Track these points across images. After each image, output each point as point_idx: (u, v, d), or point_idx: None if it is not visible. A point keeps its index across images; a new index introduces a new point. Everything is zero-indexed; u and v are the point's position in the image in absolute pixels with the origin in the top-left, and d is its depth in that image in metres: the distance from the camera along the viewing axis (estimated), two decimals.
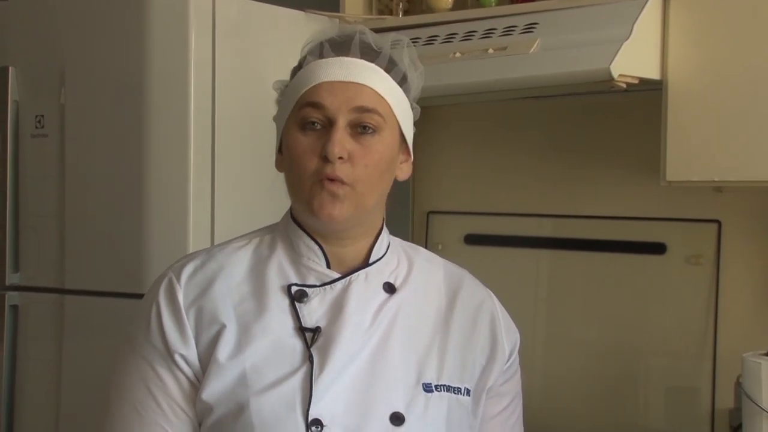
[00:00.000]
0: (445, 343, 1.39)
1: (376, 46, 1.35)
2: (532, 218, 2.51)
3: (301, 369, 1.30)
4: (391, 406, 1.31)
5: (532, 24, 2.16)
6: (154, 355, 1.34)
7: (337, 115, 1.30)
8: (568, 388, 2.40)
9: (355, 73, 1.32)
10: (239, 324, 1.33)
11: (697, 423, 2.24)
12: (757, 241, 2.21)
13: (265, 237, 1.43)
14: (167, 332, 1.33)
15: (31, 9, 2.43)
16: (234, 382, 1.30)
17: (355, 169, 1.30)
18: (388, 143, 1.34)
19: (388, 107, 1.33)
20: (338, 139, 1.28)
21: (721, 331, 2.24)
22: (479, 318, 1.44)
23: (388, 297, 1.38)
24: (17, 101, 2.42)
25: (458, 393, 1.37)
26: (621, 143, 2.38)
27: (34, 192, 2.41)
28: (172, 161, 2.19)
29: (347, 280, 1.37)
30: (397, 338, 1.36)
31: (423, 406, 1.33)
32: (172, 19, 2.18)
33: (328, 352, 1.31)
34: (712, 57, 1.98)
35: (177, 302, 1.34)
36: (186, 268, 1.38)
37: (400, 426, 1.30)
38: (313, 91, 1.31)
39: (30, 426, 2.43)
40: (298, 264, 1.37)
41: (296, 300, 1.35)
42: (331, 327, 1.33)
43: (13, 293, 2.43)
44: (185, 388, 1.33)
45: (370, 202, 1.34)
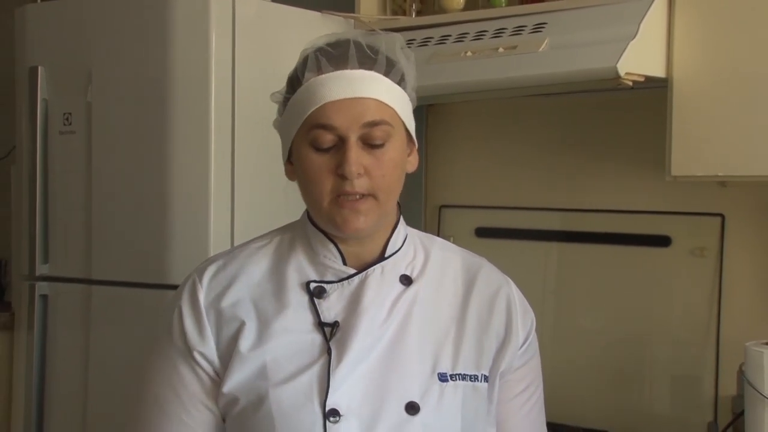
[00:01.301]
0: (461, 332, 1.38)
1: (372, 51, 1.33)
2: (541, 212, 2.51)
3: (319, 361, 1.30)
4: (407, 396, 1.30)
5: (541, 24, 2.15)
6: (175, 354, 1.34)
7: (348, 134, 1.28)
8: (576, 376, 2.39)
9: (358, 87, 1.30)
10: (260, 320, 1.33)
11: (700, 409, 2.24)
12: (760, 234, 2.20)
13: (284, 236, 1.42)
14: (187, 331, 1.34)
15: (59, 11, 2.45)
16: (254, 374, 1.30)
17: (372, 180, 1.30)
18: (398, 147, 1.33)
19: (394, 112, 1.32)
20: (353, 158, 1.27)
21: (724, 321, 2.23)
22: (496, 303, 1.42)
23: (405, 289, 1.37)
24: (46, 99, 2.43)
25: (474, 380, 1.36)
26: (627, 139, 2.37)
27: (62, 186, 2.43)
28: (194, 158, 2.20)
29: (364, 274, 1.36)
30: (414, 329, 1.35)
31: (438, 396, 1.32)
32: (193, 21, 2.20)
33: (345, 345, 1.30)
34: (716, 56, 1.98)
35: (198, 302, 1.35)
36: (208, 269, 1.38)
37: (415, 415, 1.29)
38: (321, 113, 1.29)
39: (59, 410, 2.44)
40: (315, 262, 1.37)
41: (315, 296, 1.34)
42: (349, 321, 1.32)
43: (43, 283, 2.45)
44: (206, 383, 1.33)
45: (391, 205, 1.35)
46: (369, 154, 1.30)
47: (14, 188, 2.66)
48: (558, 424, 2.26)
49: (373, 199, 1.31)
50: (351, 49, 1.32)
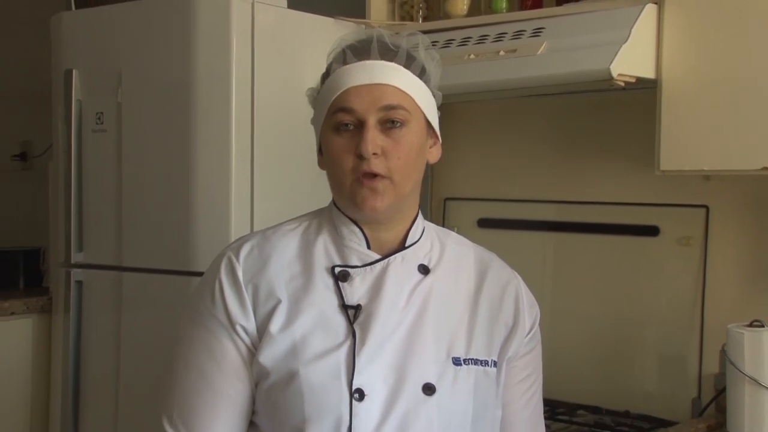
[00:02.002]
0: (473, 320, 1.38)
1: (393, 45, 1.33)
2: (539, 204, 2.50)
3: (345, 343, 1.30)
4: (424, 378, 1.31)
5: (539, 28, 2.15)
6: (217, 327, 1.33)
7: (367, 116, 1.29)
8: (571, 355, 2.39)
9: (377, 74, 1.31)
10: (290, 299, 1.33)
11: (685, 386, 2.24)
12: (741, 224, 2.20)
13: (312, 221, 1.41)
14: (229, 306, 1.33)
15: (91, 18, 2.47)
16: (285, 352, 1.30)
17: (389, 161, 1.30)
18: (416, 132, 1.33)
19: (412, 100, 1.32)
20: (370, 138, 1.28)
21: (708, 305, 2.23)
22: (505, 296, 1.43)
23: (422, 278, 1.37)
24: (80, 100, 2.44)
25: (485, 365, 1.36)
26: (619, 136, 2.37)
27: (94, 180, 2.44)
28: (215, 153, 2.21)
29: (386, 261, 1.35)
30: (430, 316, 1.35)
31: (452, 378, 1.32)
32: (215, 27, 2.20)
33: (368, 328, 1.30)
34: (702, 58, 1.97)
35: (237, 278, 1.34)
36: (243, 247, 1.37)
37: (431, 396, 1.30)
38: (342, 97, 1.30)
39: (93, 386, 2.46)
40: (341, 246, 1.37)
41: (340, 280, 1.34)
42: (371, 305, 1.32)
43: (78, 270, 2.47)
44: (244, 354, 1.33)
45: (407, 189, 1.34)
46: (387, 137, 1.30)
47: (51, 182, 2.67)
48: (554, 401, 2.29)
49: (389, 181, 1.30)
50: (374, 42, 1.33)
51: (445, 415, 1.31)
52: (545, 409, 1.52)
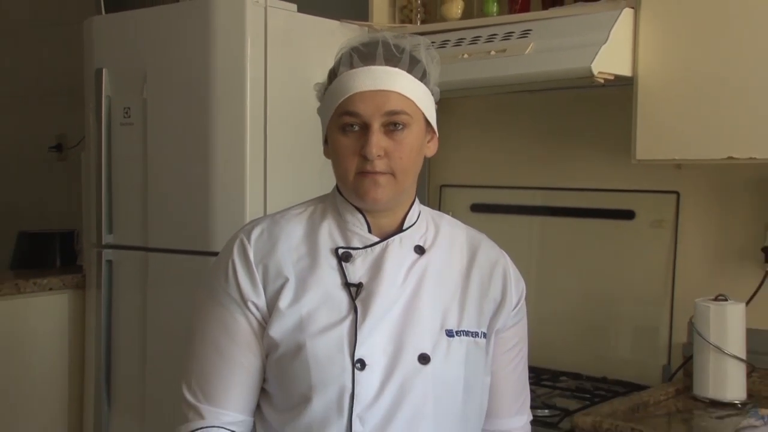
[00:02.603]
0: (465, 295, 1.38)
1: (397, 51, 1.31)
2: (526, 190, 2.50)
3: (348, 318, 1.30)
4: (420, 348, 1.30)
5: (526, 30, 2.15)
6: (230, 303, 1.33)
7: (371, 121, 1.27)
8: (554, 327, 2.40)
9: (382, 81, 1.29)
10: (297, 278, 1.32)
11: (657, 354, 2.26)
12: (709, 209, 2.22)
13: (317, 206, 1.41)
14: (242, 284, 1.33)
15: (119, 22, 2.47)
16: (293, 326, 1.30)
17: (391, 161, 1.29)
18: (416, 133, 1.31)
19: (413, 104, 1.30)
20: (374, 141, 1.27)
21: (677, 282, 2.25)
22: (494, 274, 1.42)
23: (418, 257, 1.36)
24: (109, 96, 2.44)
25: (476, 336, 1.36)
26: (599, 129, 2.37)
27: (123, 169, 2.44)
28: (232, 144, 2.21)
29: (385, 243, 1.35)
30: (425, 292, 1.34)
31: (446, 349, 1.32)
32: (231, 29, 2.21)
33: (369, 304, 1.30)
34: (674, 58, 1.98)
35: (249, 259, 1.33)
36: (254, 231, 1.36)
37: (426, 365, 1.30)
38: (349, 102, 1.28)
39: (123, 354, 2.48)
40: (344, 230, 1.36)
41: (343, 260, 1.34)
42: (372, 283, 1.32)
43: (108, 250, 2.47)
44: (255, 329, 1.33)
45: (407, 183, 1.34)
46: (389, 139, 1.29)
47: (84, 171, 2.68)
48: (539, 368, 2.31)
49: (391, 177, 1.30)
50: (379, 48, 1.30)
51: (439, 382, 1.31)
52: (531, 376, 1.52)
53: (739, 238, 2.17)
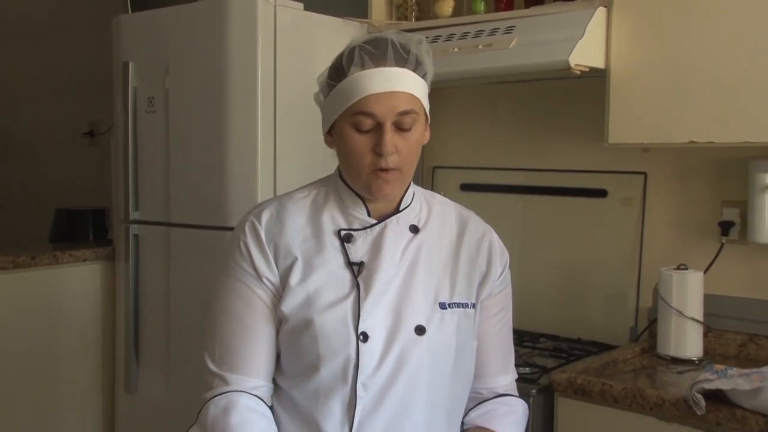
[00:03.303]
0: (455, 269, 1.36)
1: (404, 51, 1.27)
2: (510, 171, 2.50)
3: (351, 294, 1.28)
4: (416, 321, 1.30)
5: (510, 27, 2.16)
6: (248, 278, 1.32)
7: (385, 120, 1.25)
8: (535, 294, 2.41)
9: (394, 82, 1.25)
10: (304, 258, 1.31)
11: (625, 318, 2.27)
12: (672, 188, 2.22)
13: (320, 190, 1.38)
14: (256, 261, 1.31)
15: (144, 20, 2.47)
16: (301, 303, 1.29)
17: (401, 157, 1.27)
18: (420, 129, 1.30)
19: (419, 102, 1.29)
20: (389, 140, 1.25)
21: (644, 253, 2.25)
22: (481, 247, 1.40)
23: (413, 236, 1.35)
24: (135, 87, 2.45)
25: (466, 307, 1.35)
26: (575, 116, 2.37)
27: (147, 152, 2.45)
28: (245, 129, 2.22)
29: (383, 224, 1.33)
30: (420, 268, 1.33)
31: (439, 320, 1.31)
32: (244, 26, 2.21)
33: (370, 281, 1.29)
34: (643, 52, 1.99)
35: (261, 239, 1.32)
36: (263, 213, 1.35)
37: (422, 335, 1.29)
38: (363, 103, 1.25)
39: (150, 321, 2.49)
40: (345, 213, 1.34)
41: (345, 241, 1.32)
42: (372, 261, 1.30)
43: (135, 225, 2.49)
44: (270, 301, 1.32)
45: (411, 175, 1.33)
46: (399, 136, 1.26)
47: (113, 154, 2.68)
48: (521, 331, 2.32)
49: (398, 172, 1.28)
50: (389, 49, 1.26)
51: (433, 350, 1.30)
52: (514, 338, 1.52)
53: (698, 213, 2.17)
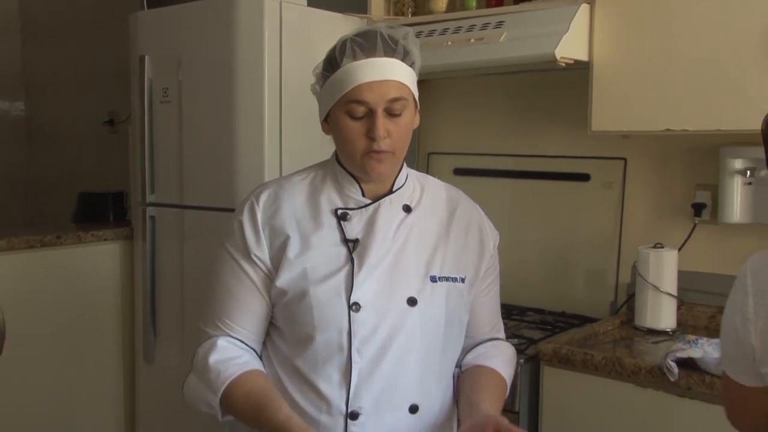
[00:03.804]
0: (446, 246, 1.36)
1: (393, 42, 1.27)
2: (500, 157, 2.50)
3: (345, 267, 1.29)
4: (408, 293, 1.30)
5: (500, 22, 2.15)
6: (240, 255, 1.33)
7: (377, 107, 1.25)
8: (523, 271, 2.42)
9: (384, 71, 1.26)
10: (301, 235, 1.31)
11: (606, 292, 2.28)
12: (650, 172, 2.22)
13: (318, 172, 1.38)
14: (248, 239, 1.32)
15: (159, 17, 2.46)
16: (298, 276, 1.29)
17: (392, 140, 1.27)
18: (410, 114, 1.30)
19: (408, 89, 1.29)
20: (380, 125, 1.25)
21: (624, 233, 2.26)
22: (471, 226, 1.41)
23: (406, 215, 1.35)
24: (151, 79, 2.44)
25: (455, 281, 1.35)
26: (560, 105, 2.37)
27: (163, 139, 2.44)
28: (253, 118, 2.21)
29: (377, 204, 1.33)
30: (412, 245, 1.33)
31: (430, 292, 1.32)
32: (252, 22, 2.20)
33: (364, 256, 1.29)
34: (623, 46, 1.98)
35: (256, 220, 1.33)
36: (262, 195, 1.36)
37: (413, 306, 1.30)
38: (356, 91, 1.25)
39: (165, 296, 2.50)
40: (342, 194, 1.34)
41: (341, 219, 1.32)
42: (366, 238, 1.31)
43: (151, 208, 2.49)
44: (262, 278, 1.32)
45: (403, 156, 1.33)
46: (390, 121, 1.27)
47: (131, 142, 2.68)
48: (509, 305, 2.33)
49: (391, 154, 1.28)
50: (378, 41, 1.26)
51: (425, 320, 1.31)
52: (503, 312, 1.53)
53: (673, 196, 2.18)
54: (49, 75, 3.80)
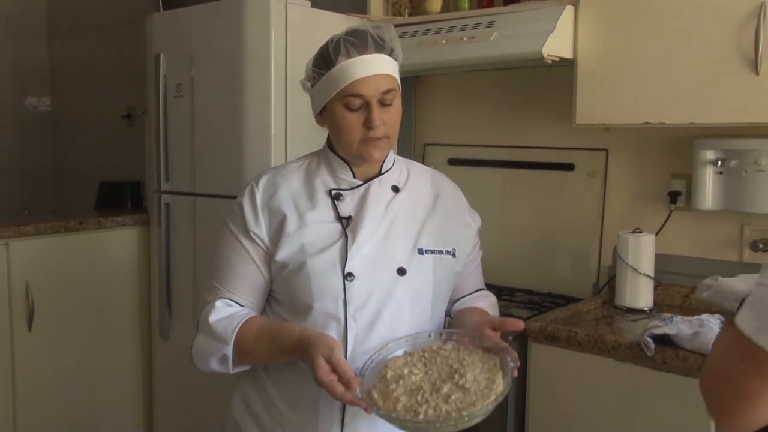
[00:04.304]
0: (431, 223, 1.39)
1: (381, 39, 1.31)
2: (491, 148, 2.50)
3: (339, 241, 1.30)
4: (397, 263, 1.32)
5: (491, 21, 2.14)
6: (240, 233, 1.35)
7: (372, 99, 1.28)
8: (513, 255, 2.42)
9: (377, 67, 1.29)
10: (298, 214, 1.33)
11: (589, 274, 2.28)
12: (630, 162, 2.22)
13: (312, 159, 1.41)
14: (247, 219, 1.34)
15: (173, 18, 2.46)
16: (297, 250, 1.30)
17: (387, 127, 1.31)
18: (399, 102, 1.34)
19: (395, 80, 1.33)
20: (376, 115, 1.29)
21: (606, 219, 2.26)
22: (457, 206, 1.45)
23: (395, 195, 1.37)
24: (165, 76, 2.44)
25: (441, 254, 1.37)
26: (547, 99, 2.36)
27: (176, 132, 2.45)
28: (260, 112, 2.21)
29: (368, 185, 1.36)
30: (401, 221, 1.35)
31: (418, 263, 1.33)
32: (259, 22, 2.20)
33: (356, 231, 1.31)
34: (606, 44, 1.97)
35: (255, 201, 1.35)
36: (262, 179, 1.38)
37: (403, 276, 1.31)
38: (353, 86, 1.28)
39: (179, 277, 2.51)
40: (335, 176, 1.37)
41: (335, 199, 1.34)
42: (358, 216, 1.33)
43: (166, 195, 2.50)
44: (260, 253, 1.34)
45: (395, 140, 1.36)
46: (384, 111, 1.30)
47: (147, 134, 2.69)
48: (500, 286, 2.34)
49: (387, 139, 1.31)
50: (369, 39, 1.30)
51: (413, 288, 1.32)
52: (494, 292, 1.54)
53: (651, 184, 2.18)
54: (73, 73, 3.81)
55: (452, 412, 1.13)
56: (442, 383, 1.18)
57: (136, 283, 2.75)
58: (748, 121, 1.76)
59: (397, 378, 1.20)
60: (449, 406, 1.14)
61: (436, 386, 1.18)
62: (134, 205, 3.05)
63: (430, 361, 1.24)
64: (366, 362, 1.25)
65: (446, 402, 1.15)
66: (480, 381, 1.17)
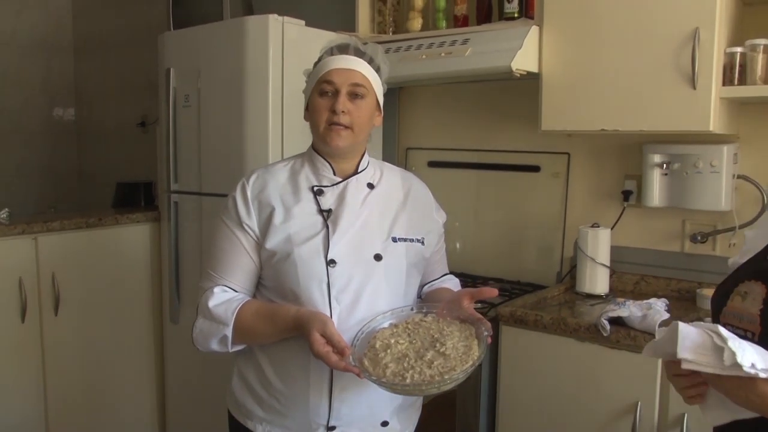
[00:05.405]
0: (403, 216, 1.39)
1: (362, 50, 1.35)
2: (466, 152, 2.49)
3: (322, 232, 1.30)
4: (374, 250, 1.32)
5: (466, 39, 2.14)
6: (233, 224, 1.34)
7: (341, 88, 1.30)
8: (485, 247, 2.42)
9: (352, 63, 1.32)
10: (284, 207, 1.33)
11: (553, 264, 2.28)
12: (589, 165, 2.23)
13: (297, 160, 1.41)
14: (240, 211, 1.34)
15: (183, 36, 2.44)
16: (284, 240, 1.30)
17: (351, 118, 1.30)
18: (369, 104, 1.33)
19: (369, 83, 1.33)
20: (342, 101, 1.30)
21: (568, 215, 2.26)
22: (426, 202, 1.45)
23: (370, 191, 1.37)
24: (175, 87, 2.43)
25: (411, 241, 1.37)
26: (516, 108, 2.36)
27: (184, 137, 2.44)
28: (259, 120, 2.20)
29: (346, 182, 1.36)
30: (375, 213, 1.36)
31: (392, 250, 1.34)
32: (258, 39, 2.18)
33: (336, 223, 1.31)
34: (566, 61, 1.97)
35: (246, 196, 1.35)
36: (252, 176, 1.38)
37: (379, 261, 1.32)
38: (328, 74, 1.31)
39: (188, 269, 2.49)
40: (317, 174, 1.37)
41: (317, 194, 1.34)
42: (338, 209, 1.33)
43: (175, 194, 2.48)
44: (251, 242, 1.33)
45: (360, 137, 1.34)
46: (351, 103, 1.30)
47: (158, 140, 2.68)
48: (473, 275, 2.34)
49: (350, 130, 1.31)
50: (351, 47, 1.34)
51: (389, 272, 1.33)
52: (468, 282, 1.55)
53: (607, 184, 2.18)
54: (94, 86, 3.79)
55: (435, 376, 1.15)
56: (425, 351, 1.20)
57: (149, 273, 2.75)
58: (687, 129, 1.77)
59: (385, 347, 1.21)
60: (432, 371, 1.16)
61: (420, 354, 1.20)
62: (147, 203, 3.04)
63: (414, 331, 1.25)
64: (356, 334, 1.25)
65: (429, 367, 1.16)
66: (458, 348, 1.19)
